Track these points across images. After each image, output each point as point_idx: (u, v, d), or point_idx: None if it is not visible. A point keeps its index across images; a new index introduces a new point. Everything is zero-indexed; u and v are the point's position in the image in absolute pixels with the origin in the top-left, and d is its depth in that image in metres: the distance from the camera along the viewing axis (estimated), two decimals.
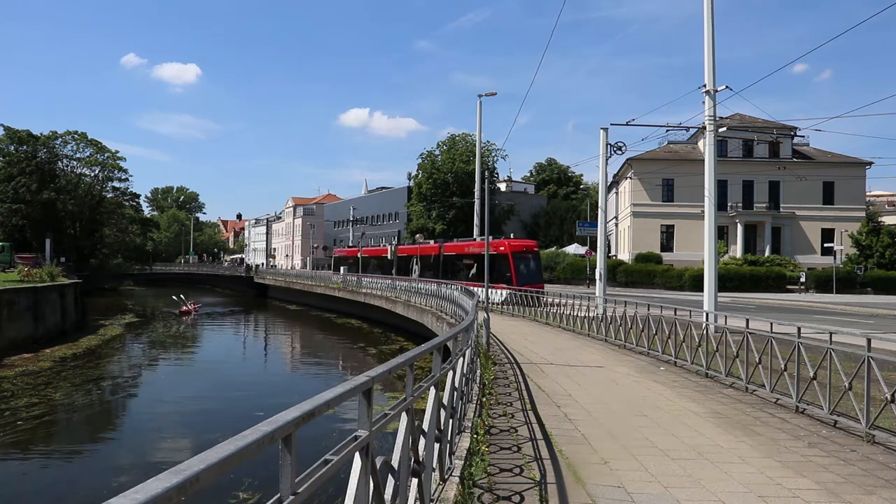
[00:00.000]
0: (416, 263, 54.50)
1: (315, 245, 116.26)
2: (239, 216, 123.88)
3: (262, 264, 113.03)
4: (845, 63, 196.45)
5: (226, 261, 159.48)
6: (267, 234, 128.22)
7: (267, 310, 73.33)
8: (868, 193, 71.51)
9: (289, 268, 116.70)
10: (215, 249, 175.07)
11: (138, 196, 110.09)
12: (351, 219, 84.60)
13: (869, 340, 9.85)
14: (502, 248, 43.03)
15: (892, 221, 75.25)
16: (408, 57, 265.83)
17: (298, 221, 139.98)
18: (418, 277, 47.22)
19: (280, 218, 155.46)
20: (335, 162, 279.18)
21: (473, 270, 45.25)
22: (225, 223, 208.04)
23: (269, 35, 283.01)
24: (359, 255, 66.68)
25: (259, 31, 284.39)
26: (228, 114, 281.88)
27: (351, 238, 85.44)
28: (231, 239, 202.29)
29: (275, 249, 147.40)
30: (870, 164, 61.38)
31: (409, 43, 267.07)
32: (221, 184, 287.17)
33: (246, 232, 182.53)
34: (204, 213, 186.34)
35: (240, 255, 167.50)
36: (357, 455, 3.30)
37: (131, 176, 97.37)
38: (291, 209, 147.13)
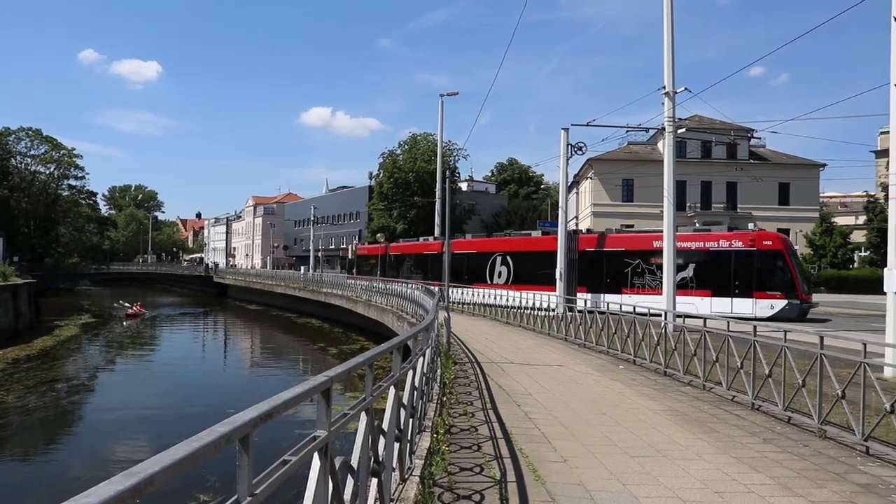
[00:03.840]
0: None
1: (275, 244, 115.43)
2: (198, 215, 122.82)
3: (221, 263, 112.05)
4: (801, 67, 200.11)
5: (185, 260, 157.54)
6: (227, 233, 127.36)
7: (226, 310, 72.66)
8: (821, 194, 72.78)
9: (249, 267, 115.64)
10: (174, 249, 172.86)
11: (95, 194, 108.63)
12: (312, 218, 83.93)
13: (821, 338, 10.04)
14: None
15: (845, 222, 76.72)
16: (370, 56, 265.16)
17: (259, 221, 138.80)
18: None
19: (240, 217, 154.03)
20: (297, 161, 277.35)
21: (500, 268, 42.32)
22: (184, 222, 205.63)
23: (230, 32, 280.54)
24: (384, 251, 57.85)
25: (221, 28, 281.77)
26: (189, 111, 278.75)
27: (311, 238, 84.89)
28: (190, 238, 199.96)
29: (235, 249, 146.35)
30: (823, 165, 62.55)
31: (372, 42, 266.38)
32: (181, 182, 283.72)
33: (205, 231, 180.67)
34: (163, 212, 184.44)
35: (199, 255, 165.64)
36: (316, 455, 3.27)
37: (88, 174, 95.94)
38: (252, 208, 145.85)
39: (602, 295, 34.39)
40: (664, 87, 25.22)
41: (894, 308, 16.09)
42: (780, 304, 32.62)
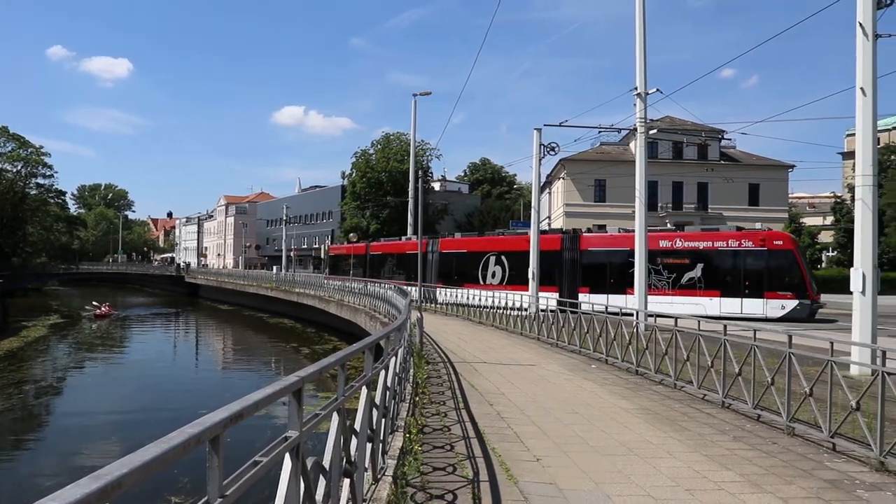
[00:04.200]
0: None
1: (247, 244, 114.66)
2: (170, 214, 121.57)
3: (192, 263, 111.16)
4: (771, 69, 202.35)
5: (156, 260, 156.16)
6: (198, 232, 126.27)
7: (198, 310, 72.11)
8: (790, 195, 73.60)
9: (220, 267, 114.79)
10: (145, 248, 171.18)
11: (64, 193, 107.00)
12: (284, 218, 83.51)
13: (790, 337, 10.17)
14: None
15: (813, 222, 77.67)
16: (343, 55, 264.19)
17: (231, 220, 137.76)
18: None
19: (212, 216, 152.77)
20: (269, 160, 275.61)
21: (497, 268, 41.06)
22: (155, 222, 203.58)
23: (203, 30, 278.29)
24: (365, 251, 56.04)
25: (193, 25, 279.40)
26: (160, 110, 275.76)
27: (284, 237, 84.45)
28: (161, 238, 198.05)
29: (206, 248, 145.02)
30: (792, 167, 63.24)
31: (345, 41, 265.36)
32: (152, 181, 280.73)
33: (177, 231, 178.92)
34: (133, 212, 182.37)
35: (170, 255, 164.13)
36: (287, 456, 3.26)
37: (56, 172, 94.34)
38: (224, 208, 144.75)
39: (607, 296, 34.17)
40: (636, 89, 25.35)
41: (860, 307, 16.33)
42: (791, 304, 32.70)
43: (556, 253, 38.11)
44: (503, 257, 40.29)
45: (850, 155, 62.86)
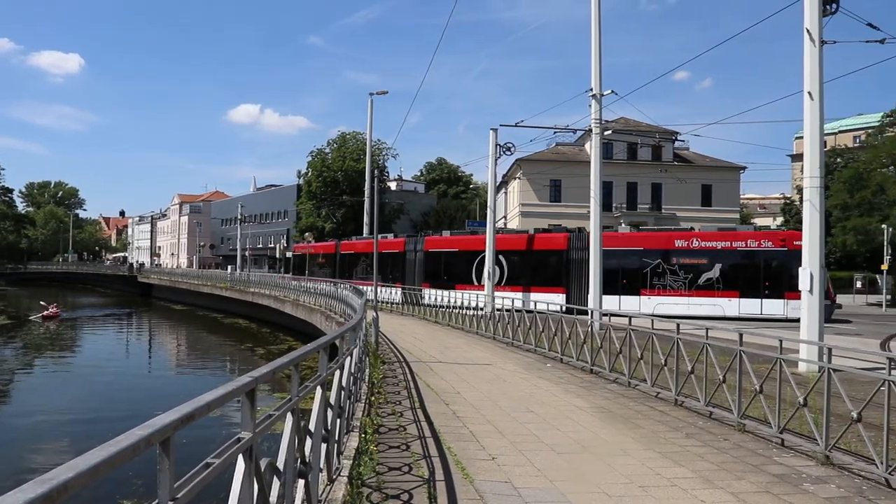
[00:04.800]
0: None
1: (202, 244, 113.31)
2: (122, 213, 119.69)
3: (146, 263, 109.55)
4: (724, 72, 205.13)
5: (108, 259, 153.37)
6: (152, 231, 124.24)
7: (151, 310, 71.03)
8: (742, 196, 74.90)
9: (174, 267, 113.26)
10: (97, 248, 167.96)
11: (11, 191, 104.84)
12: (239, 217, 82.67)
13: (741, 335, 10.34)
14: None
15: (763, 223, 79.12)
16: (299, 53, 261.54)
17: (185, 219, 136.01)
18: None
19: (165, 215, 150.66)
20: (224, 159, 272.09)
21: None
22: (107, 220, 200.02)
23: (157, 26, 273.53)
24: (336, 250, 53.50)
25: (147, 21, 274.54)
26: (113, 106, 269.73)
27: (238, 237, 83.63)
28: (114, 237, 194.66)
29: (160, 248, 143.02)
30: (744, 168, 64.32)
31: (301, 39, 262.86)
32: (104, 179, 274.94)
33: (130, 230, 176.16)
34: (85, 210, 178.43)
35: (123, 254, 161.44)
36: (240, 457, 3.23)
37: (3, 169, 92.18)
38: (177, 206, 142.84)
39: (619, 297, 33.71)
40: (591, 90, 25.64)
41: (808, 306, 16.71)
42: None
43: (562, 252, 36.93)
44: (501, 257, 38.15)
45: (798, 157, 64.08)
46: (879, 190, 57.80)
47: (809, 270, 16.86)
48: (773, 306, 32.69)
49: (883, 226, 50.79)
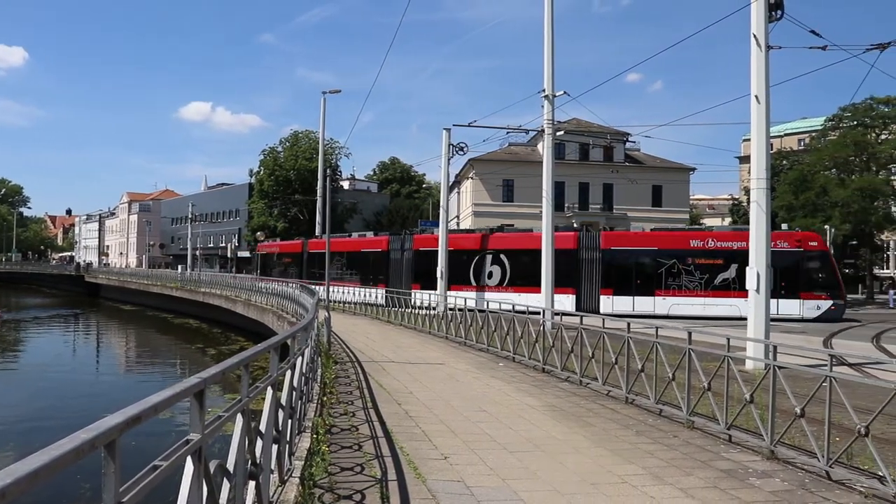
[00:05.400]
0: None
1: (151, 243, 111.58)
2: (69, 211, 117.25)
3: (94, 262, 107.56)
4: (675, 75, 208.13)
5: (54, 259, 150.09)
6: (100, 230, 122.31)
7: (100, 310, 69.74)
8: (691, 197, 76.02)
9: (123, 266, 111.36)
10: (42, 247, 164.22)
11: None
12: (190, 216, 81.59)
13: (690, 334, 10.52)
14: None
15: (712, 223, 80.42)
16: (252, 51, 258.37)
17: (134, 218, 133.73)
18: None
19: (114, 214, 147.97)
20: (175, 157, 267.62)
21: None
22: (53, 219, 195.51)
23: (106, 21, 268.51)
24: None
25: (96, 16, 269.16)
26: (59, 101, 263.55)
27: (189, 236, 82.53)
28: (60, 236, 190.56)
29: (108, 247, 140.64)
30: (693, 169, 65.31)
31: (254, 36, 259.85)
32: (50, 177, 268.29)
33: (77, 228, 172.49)
34: (29, 208, 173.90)
35: (70, 253, 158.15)
36: (189, 459, 3.19)
37: None
38: (126, 205, 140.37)
39: (633, 298, 33.71)
40: (544, 91, 25.83)
41: (755, 304, 17.06)
42: (826, 304, 33.14)
43: (572, 252, 35.95)
44: (503, 256, 37.71)
45: (746, 159, 65.36)
46: (822, 191, 59.11)
47: (756, 270, 17.22)
48: (790, 306, 32.94)
49: (826, 226, 51.97)
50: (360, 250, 44.75)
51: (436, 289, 33.93)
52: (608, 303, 34.60)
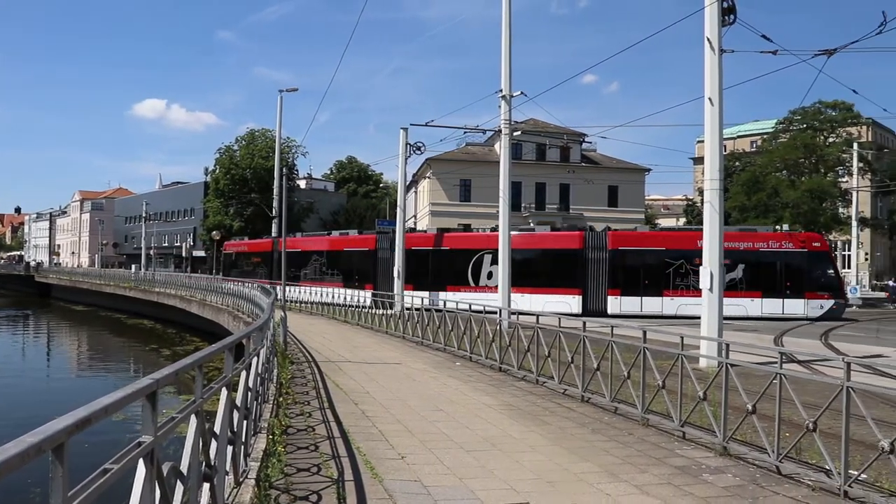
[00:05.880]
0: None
1: (104, 242, 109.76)
2: (18, 210, 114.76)
3: (44, 262, 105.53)
4: (631, 77, 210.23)
5: (2, 258, 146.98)
6: (50, 229, 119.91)
7: (51, 311, 68.44)
8: (647, 197, 76.91)
9: (75, 266, 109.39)
10: None
11: None
12: (144, 215, 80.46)
13: (644, 333, 10.64)
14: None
15: (667, 223, 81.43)
16: (208, 48, 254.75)
17: (86, 216, 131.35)
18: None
19: (65, 213, 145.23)
20: (128, 154, 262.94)
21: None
22: (1, 217, 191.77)
23: (57, 15, 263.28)
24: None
25: (46, 9, 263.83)
26: (8, 97, 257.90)
27: (143, 235, 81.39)
28: (8, 235, 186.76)
29: (59, 246, 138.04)
30: (648, 170, 66.15)
31: (210, 33, 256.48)
32: None
33: (26, 227, 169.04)
34: None
35: (19, 253, 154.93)
36: (141, 462, 3.14)
37: None
38: (78, 203, 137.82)
39: (640, 299, 33.64)
40: (501, 91, 25.91)
41: (708, 303, 17.31)
42: (829, 304, 33.70)
43: (578, 252, 35.81)
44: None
45: (700, 160, 66.35)
46: (774, 193, 60.24)
47: (710, 269, 17.48)
48: (794, 306, 33.53)
49: (777, 227, 53.05)
50: (343, 249, 43.44)
51: (430, 290, 33.51)
52: (616, 304, 34.50)
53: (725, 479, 7.63)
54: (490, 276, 36.56)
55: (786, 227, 37.55)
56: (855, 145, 59.64)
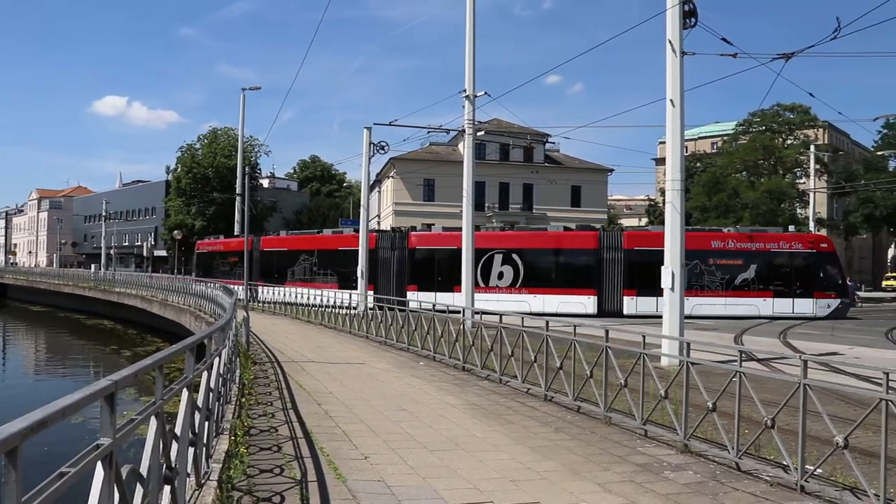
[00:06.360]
0: None
1: (63, 241, 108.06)
2: None
3: (1, 261, 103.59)
4: (594, 78, 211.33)
5: None
6: (6, 228, 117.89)
7: (7, 312, 67.20)
8: (609, 197, 77.60)
9: (32, 265, 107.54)
10: None
11: None
12: (104, 214, 79.32)
13: (607, 332, 10.72)
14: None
15: (630, 223, 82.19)
16: (170, 45, 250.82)
17: (44, 215, 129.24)
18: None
19: (22, 211, 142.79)
20: (88, 152, 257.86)
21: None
22: None
23: (14, 8, 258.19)
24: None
25: (3, 3, 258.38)
26: None
27: (103, 234, 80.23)
28: None
29: (16, 245, 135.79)
30: (611, 170, 66.78)
31: (172, 30, 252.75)
32: None
33: None
34: None
35: None
36: (99, 465, 3.09)
37: None
38: (36, 202, 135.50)
39: (656, 299, 33.74)
40: (465, 91, 25.93)
41: (669, 302, 17.49)
42: (835, 303, 34.48)
43: (593, 252, 35.67)
44: (515, 256, 36.49)
45: (661, 161, 66.85)
46: (734, 193, 61.22)
47: (671, 269, 17.66)
48: (804, 305, 34.16)
49: (737, 227, 53.91)
50: (338, 248, 41.61)
51: (437, 291, 33.32)
52: (632, 304, 34.60)
53: (686, 476, 7.72)
54: (501, 276, 36.45)
55: (792, 228, 38.53)
56: (812, 147, 60.74)
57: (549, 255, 37.12)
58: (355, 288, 33.31)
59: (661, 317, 17.75)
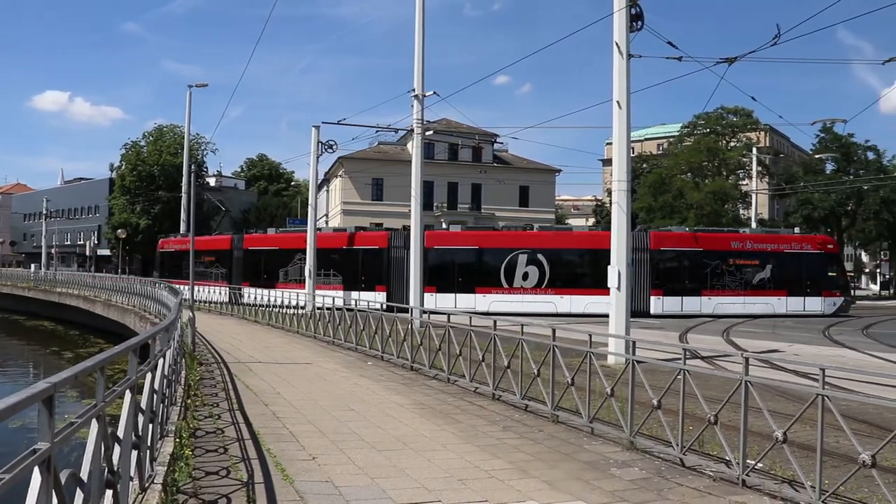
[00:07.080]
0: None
1: (0, 240, 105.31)
2: None
3: None
4: (542, 79, 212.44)
5: None
6: None
7: None
8: (557, 198, 78.17)
9: None
10: None
11: None
12: (44, 212, 77.52)
13: (554, 331, 10.82)
14: None
15: (577, 223, 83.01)
16: (114, 40, 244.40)
17: None
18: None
19: None
20: (27, 149, 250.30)
21: None
22: None
23: None
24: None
25: None
26: None
27: (44, 233, 78.40)
28: None
29: None
30: (559, 171, 67.33)
31: (116, 24, 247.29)
32: None
33: None
34: None
35: None
36: (36, 470, 3.02)
37: None
38: None
39: (681, 299, 34.42)
40: (414, 90, 25.95)
41: (615, 301, 17.71)
42: (840, 301, 36.25)
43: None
44: (541, 256, 35.74)
45: (608, 162, 67.72)
46: (679, 194, 62.21)
47: (617, 268, 17.86)
48: (814, 303, 35.73)
49: (751, 228, 55.16)
50: (341, 247, 39.83)
51: (458, 292, 33.45)
52: (658, 304, 35.01)
53: (632, 473, 7.83)
54: (525, 276, 35.82)
55: (797, 229, 40.34)
56: (754, 150, 62.12)
57: (575, 255, 37.10)
58: (363, 289, 32.82)
59: (685, 316, 18.01)
